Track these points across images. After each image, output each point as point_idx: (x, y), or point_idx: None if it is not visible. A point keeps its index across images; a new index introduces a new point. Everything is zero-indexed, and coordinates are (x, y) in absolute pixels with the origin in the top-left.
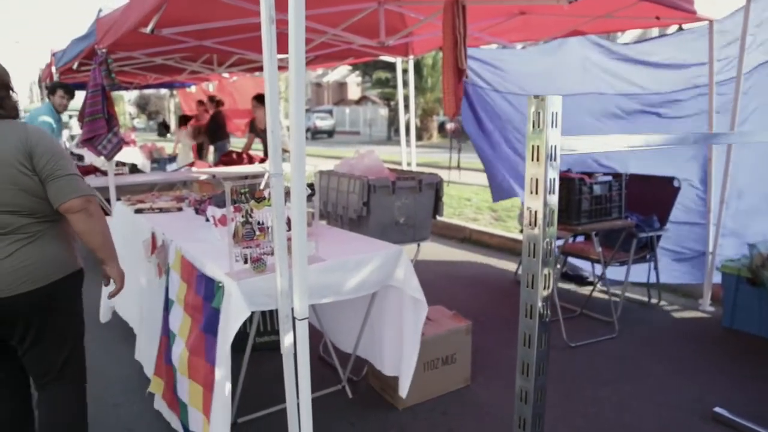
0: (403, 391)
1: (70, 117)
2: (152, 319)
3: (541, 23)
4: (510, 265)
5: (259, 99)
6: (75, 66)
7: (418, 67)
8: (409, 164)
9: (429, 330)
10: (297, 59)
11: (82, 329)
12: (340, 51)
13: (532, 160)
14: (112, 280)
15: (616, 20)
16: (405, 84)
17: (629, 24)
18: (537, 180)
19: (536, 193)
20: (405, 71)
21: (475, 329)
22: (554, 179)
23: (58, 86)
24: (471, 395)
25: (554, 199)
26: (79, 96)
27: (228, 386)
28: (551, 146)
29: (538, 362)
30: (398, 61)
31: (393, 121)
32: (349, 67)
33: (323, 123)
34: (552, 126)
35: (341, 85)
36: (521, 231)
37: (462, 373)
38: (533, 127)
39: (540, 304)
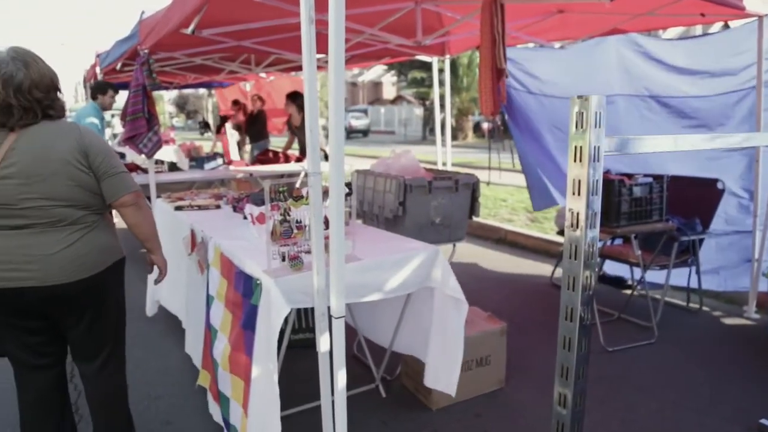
0: (452, 388)
1: (113, 116)
2: (197, 313)
3: (579, 21)
4: (546, 267)
5: (291, 97)
6: (118, 66)
7: (453, 66)
8: (444, 164)
9: (464, 331)
10: (336, 59)
11: (125, 313)
12: (377, 50)
13: (575, 160)
14: (156, 269)
15: (658, 18)
16: (441, 83)
17: (672, 22)
18: (579, 181)
19: (578, 194)
20: (441, 71)
21: (509, 331)
22: (597, 180)
23: (108, 86)
24: (505, 397)
25: (597, 201)
26: (122, 96)
27: (271, 381)
28: (594, 147)
29: (577, 366)
30: (434, 60)
31: (428, 120)
32: (385, 67)
33: (358, 122)
34: (595, 126)
35: (376, 85)
36: (558, 233)
37: (496, 375)
38: (576, 127)
39: (581, 307)
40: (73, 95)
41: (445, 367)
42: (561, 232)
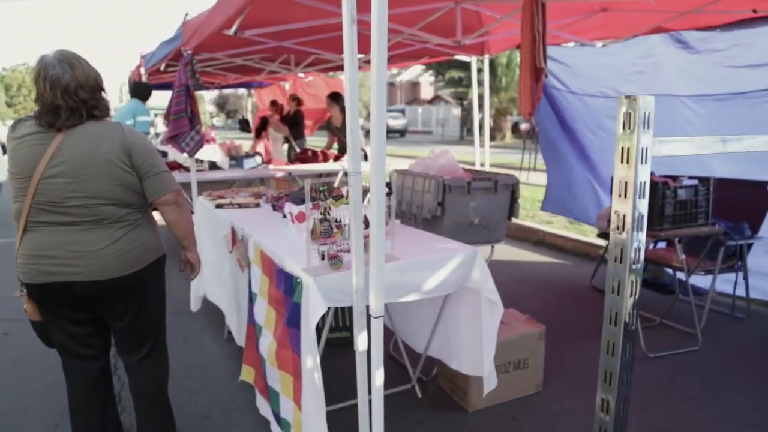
0: (486, 389)
1: (156, 115)
2: (242, 308)
3: (622, 20)
4: (585, 270)
5: (333, 97)
6: (162, 67)
7: (492, 66)
8: (482, 164)
9: (501, 333)
10: (379, 59)
11: (165, 308)
12: (415, 50)
13: (622, 162)
14: (188, 267)
15: (706, 15)
16: (479, 83)
17: (720, 19)
18: (626, 183)
19: (625, 196)
20: (479, 70)
21: (548, 334)
22: (644, 183)
23: (149, 87)
24: (542, 402)
25: (644, 204)
26: (165, 95)
27: (317, 376)
28: (642, 148)
29: (621, 372)
30: (473, 60)
31: (465, 120)
32: (423, 67)
33: (395, 122)
34: (644, 127)
35: (414, 85)
36: (598, 235)
37: (534, 379)
38: (623, 128)
39: (626, 311)
40: (117, 95)
41: (479, 361)
42: (601, 235)
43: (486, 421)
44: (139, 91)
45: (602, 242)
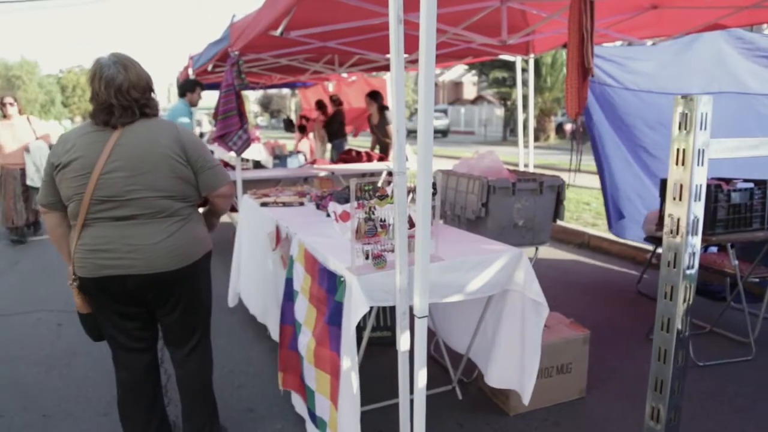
0: (526, 397)
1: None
2: (278, 307)
3: (674, 17)
4: (631, 274)
5: (371, 96)
6: (209, 68)
7: (537, 65)
8: (526, 165)
9: (545, 337)
10: (427, 60)
11: (212, 302)
12: (460, 50)
13: (677, 164)
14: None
15: (765, 11)
16: (524, 83)
17: None
18: (681, 185)
19: (680, 199)
20: (524, 70)
21: (591, 339)
22: (700, 185)
23: (195, 84)
24: (585, 408)
25: (700, 207)
26: (211, 96)
27: (355, 376)
28: (699, 150)
29: (673, 380)
30: (518, 59)
31: (509, 121)
32: (466, 67)
33: (438, 122)
34: (701, 128)
35: (457, 85)
36: (646, 239)
37: (577, 384)
38: (679, 128)
39: (679, 318)
40: (166, 96)
41: (520, 371)
42: (649, 239)
43: (527, 426)
44: (184, 87)
45: (649, 246)
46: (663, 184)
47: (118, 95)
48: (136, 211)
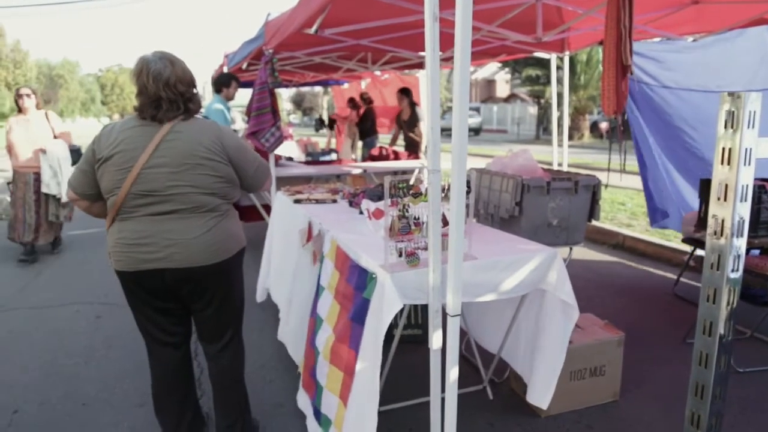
0: (545, 401)
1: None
2: (302, 304)
3: (717, 12)
4: (667, 277)
5: (403, 92)
6: (244, 66)
7: (571, 63)
8: (560, 164)
9: (578, 338)
10: (462, 58)
11: (244, 298)
12: (493, 48)
13: (722, 163)
14: None
15: None
16: (558, 81)
17: None
18: (726, 185)
19: (725, 199)
20: (558, 68)
21: (626, 342)
22: (747, 186)
23: (230, 78)
24: (619, 411)
25: (746, 208)
26: (246, 93)
27: (374, 377)
28: (746, 149)
29: (715, 385)
30: (552, 57)
31: (542, 119)
32: (499, 64)
33: (470, 120)
34: (748, 126)
35: (489, 83)
36: (683, 240)
37: (611, 387)
38: (725, 127)
39: (722, 322)
40: (201, 94)
41: (543, 378)
42: (687, 240)
43: (559, 428)
44: (219, 82)
45: (687, 248)
46: (703, 184)
47: (166, 89)
48: (176, 206)
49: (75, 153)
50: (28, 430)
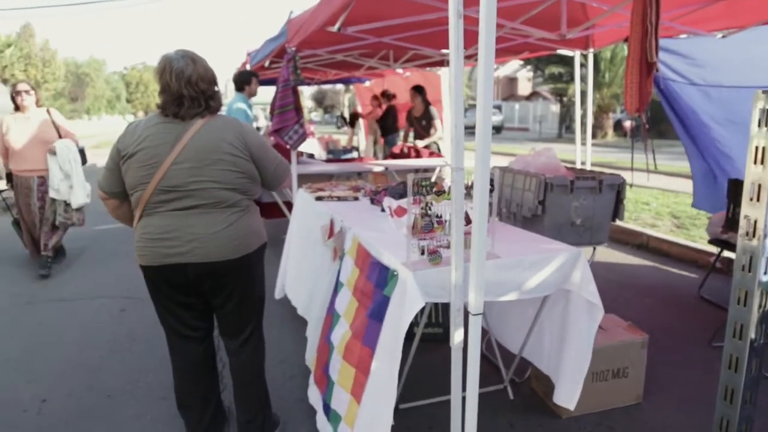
0: (572, 402)
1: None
2: (320, 300)
3: (748, 7)
4: (692, 278)
5: (417, 89)
6: (266, 64)
7: (595, 60)
8: (583, 163)
9: (601, 339)
10: (487, 55)
11: (265, 294)
12: (516, 45)
13: (755, 162)
14: None
15: None
16: (582, 78)
17: None
18: (759, 185)
19: (757, 200)
20: (582, 65)
21: (650, 344)
22: None
23: (250, 75)
24: (641, 414)
25: None
26: (269, 91)
27: (392, 375)
28: None
29: (745, 390)
30: (576, 54)
31: (564, 117)
32: (521, 62)
33: (492, 118)
34: None
35: (511, 80)
36: (710, 241)
37: (634, 390)
38: (759, 125)
39: (753, 325)
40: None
41: (569, 378)
42: (713, 241)
43: (580, 430)
44: (240, 80)
45: (713, 249)
46: (731, 185)
47: (188, 86)
48: (198, 202)
49: (80, 154)
50: (55, 420)
